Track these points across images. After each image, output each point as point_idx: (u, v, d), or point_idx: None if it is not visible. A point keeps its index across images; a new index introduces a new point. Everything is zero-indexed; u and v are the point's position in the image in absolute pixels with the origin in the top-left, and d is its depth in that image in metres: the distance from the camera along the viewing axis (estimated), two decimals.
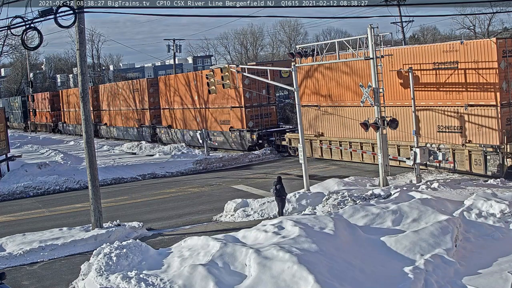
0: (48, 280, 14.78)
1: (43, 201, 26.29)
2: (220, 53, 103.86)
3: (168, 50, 64.28)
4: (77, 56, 18.06)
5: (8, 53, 50.10)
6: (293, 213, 19.00)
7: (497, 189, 19.33)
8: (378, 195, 19.68)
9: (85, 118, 18.24)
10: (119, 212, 21.95)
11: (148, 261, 13.64)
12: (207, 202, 23.21)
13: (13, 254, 16.42)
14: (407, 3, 42.27)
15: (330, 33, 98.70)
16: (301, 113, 22.75)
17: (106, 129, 56.92)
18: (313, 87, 30.92)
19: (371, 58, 21.25)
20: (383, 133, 21.50)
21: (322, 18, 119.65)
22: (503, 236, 14.56)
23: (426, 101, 24.18)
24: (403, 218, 15.53)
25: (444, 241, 13.58)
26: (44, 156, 40.78)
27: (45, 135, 66.90)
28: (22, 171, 30.58)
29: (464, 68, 22.62)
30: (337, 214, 16.00)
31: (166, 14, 46.13)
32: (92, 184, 18.28)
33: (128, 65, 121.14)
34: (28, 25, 13.93)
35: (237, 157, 33.58)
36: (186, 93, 42.06)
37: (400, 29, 48.40)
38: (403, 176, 24.26)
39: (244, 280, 11.79)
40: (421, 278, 11.68)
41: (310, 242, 12.86)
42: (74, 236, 17.61)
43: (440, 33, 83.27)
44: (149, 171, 31.27)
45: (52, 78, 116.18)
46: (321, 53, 23.27)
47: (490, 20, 58.50)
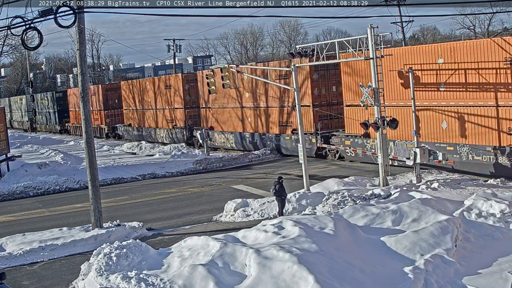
0: (48, 280, 14.78)
1: (43, 201, 26.29)
2: (220, 53, 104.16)
3: (168, 50, 64.38)
4: (77, 56, 18.06)
5: (8, 53, 50.24)
6: (293, 213, 18.99)
7: (497, 189, 19.33)
8: (378, 195, 19.67)
9: (85, 118, 18.25)
10: (119, 212, 21.95)
11: (148, 261, 13.64)
12: (207, 202, 23.21)
13: (13, 254, 16.42)
14: (407, 3, 42.32)
15: (330, 33, 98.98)
16: (301, 113, 22.75)
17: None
18: None
19: (371, 58, 21.25)
20: (383, 133, 21.50)
21: (322, 18, 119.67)
22: (503, 236, 14.56)
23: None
24: (403, 218, 15.53)
25: (444, 241, 13.58)
26: (44, 156, 40.80)
27: (45, 135, 66.79)
28: (22, 171, 30.58)
29: None
30: (337, 214, 16.00)
31: (166, 14, 46.39)
32: (92, 184, 18.28)
33: (128, 65, 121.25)
34: (28, 25, 13.94)
35: (237, 157, 33.58)
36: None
37: (400, 29, 48.45)
38: (403, 176, 24.26)
39: (244, 280, 11.79)
40: (421, 278, 11.68)
41: (310, 242, 12.86)
42: (74, 236, 17.60)
43: (440, 33, 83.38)
44: (149, 171, 31.27)
45: (52, 78, 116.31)
46: (321, 53, 23.28)
47: (490, 20, 58.60)
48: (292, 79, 23.22)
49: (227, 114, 38.51)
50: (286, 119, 33.27)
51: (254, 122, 36.29)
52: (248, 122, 36.66)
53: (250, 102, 36.21)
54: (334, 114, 30.26)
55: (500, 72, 21.57)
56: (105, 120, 56.18)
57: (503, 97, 21.69)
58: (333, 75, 31.21)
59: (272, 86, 33.71)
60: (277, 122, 34.09)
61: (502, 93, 21.69)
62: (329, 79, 31.36)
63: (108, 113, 56.01)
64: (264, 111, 35.29)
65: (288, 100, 32.63)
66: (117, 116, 55.62)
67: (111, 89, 56.95)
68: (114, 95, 55.85)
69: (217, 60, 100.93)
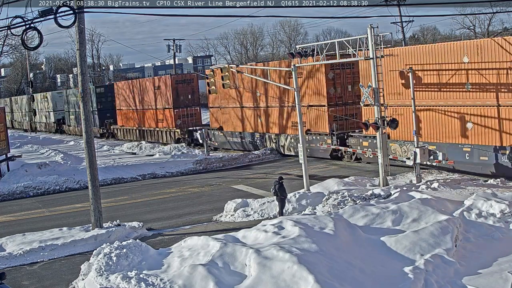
0: (48, 280, 14.78)
1: (43, 201, 26.29)
2: (220, 53, 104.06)
3: (168, 50, 64.37)
4: (77, 56, 18.07)
5: (8, 53, 50.17)
6: (293, 213, 18.99)
7: (497, 189, 19.34)
8: (378, 195, 19.68)
9: (85, 118, 18.26)
10: (119, 212, 21.95)
11: (148, 261, 13.64)
12: (207, 202, 23.21)
13: (13, 254, 16.42)
14: (407, 3, 42.30)
15: (330, 33, 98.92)
16: (301, 113, 22.76)
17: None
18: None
19: (371, 58, 21.27)
20: (383, 133, 21.51)
21: (322, 18, 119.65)
22: (503, 236, 14.56)
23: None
24: (403, 218, 15.53)
25: (444, 241, 13.58)
26: (44, 156, 40.79)
27: (45, 135, 66.42)
28: (22, 171, 30.58)
29: None
30: (337, 214, 16.00)
31: (166, 14, 46.24)
32: (92, 184, 18.28)
33: (128, 65, 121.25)
34: (28, 25, 13.94)
35: (237, 157, 33.58)
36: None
37: (400, 29, 48.45)
38: (403, 176, 24.27)
39: (244, 280, 11.79)
40: (421, 278, 11.69)
41: (310, 242, 12.86)
42: (74, 236, 17.61)
43: (440, 33, 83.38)
44: (149, 171, 31.27)
45: (52, 78, 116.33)
46: (321, 53, 23.28)
47: (490, 20, 58.59)
48: (292, 80, 23.18)
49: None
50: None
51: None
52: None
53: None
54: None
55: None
56: (175, 121, 43.39)
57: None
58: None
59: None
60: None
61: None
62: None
63: (179, 113, 43.53)
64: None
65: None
66: (190, 116, 43.77)
67: (183, 81, 43.99)
68: (186, 89, 43.16)
69: (217, 60, 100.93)
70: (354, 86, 29.40)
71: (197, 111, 44.49)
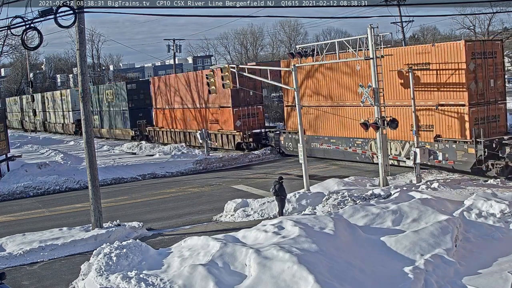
0: (48, 280, 14.78)
1: (43, 201, 26.29)
2: (220, 53, 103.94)
3: (168, 50, 64.23)
4: (77, 56, 18.07)
5: (8, 53, 50.14)
6: (293, 213, 19.00)
7: (497, 189, 19.35)
8: (378, 195, 19.68)
9: (85, 118, 18.26)
10: (119, 212, 21.95)
11: (148, 261, 13.64)
12: (207, 202, 23.21)
13: (13, 254, 16.42)
14: (407, 3, 42.27)
15: (330, 33, 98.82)
16: (301, 113, 22.75)
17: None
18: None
19: (371, 58, 21.26)
20: (383, 133, 21.51)
21: (322, 18, 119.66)
22: (503, 236, 14.57)
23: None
24: (403, 218, 15.54)
25: (444, 241, 13.58)
26: (44, 156, 40.77)
27: (45, 135, 66.33)
28: (22, 171, 30.58)
29: None
30: (337, 214, 16.00)
31: (166, 14, 46.17)
32: (92, 184, 18.28)
33: (128, 65, 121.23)
34: (28, 25, 13.93)
35: (237, 157, 33.57)
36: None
37: (400, 29, 48.41)
38: (403, 176, 24.27)
39: (244, 280, 11.79)
40: (421, 278, 11.69)
41: (310, 242, 12.87)
42: (74, 236, 17.61)
43: (440, 33, 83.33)
44: (149, 171, 31.28)
45: (52, 78, 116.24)
46: (321, 53, 23.28)
47: (490, 20, 58.50)
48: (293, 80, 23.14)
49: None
50: None
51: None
52: None
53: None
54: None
55: None
56: (234, 123, 36.76)
57: None
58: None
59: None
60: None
61: None
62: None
63: (239, 112, 36.88)
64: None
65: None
66: (252, 116, 37.36)
67: (242, 76, 35.73)
68: (248, 84, 33.42)
69: (217, 60, 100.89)
70: (497, 81, 24.09)
71: (259, 110, 37.66)
